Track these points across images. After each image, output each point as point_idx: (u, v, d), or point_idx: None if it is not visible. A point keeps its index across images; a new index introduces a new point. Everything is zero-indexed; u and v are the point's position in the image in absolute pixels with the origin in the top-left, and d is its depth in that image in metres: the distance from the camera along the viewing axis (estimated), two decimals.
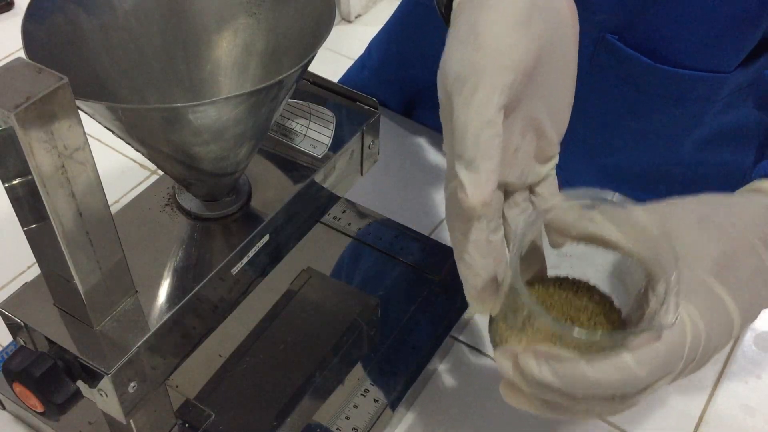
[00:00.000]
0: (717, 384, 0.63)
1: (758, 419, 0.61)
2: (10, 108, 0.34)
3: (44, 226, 0.39)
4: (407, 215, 0.73)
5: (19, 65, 0.35)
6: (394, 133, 0.84)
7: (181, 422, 0.56)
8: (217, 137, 0.44)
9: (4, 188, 0.39)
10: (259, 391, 0.59)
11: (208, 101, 0.42)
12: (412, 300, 0.65)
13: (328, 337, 0.62)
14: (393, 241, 0.70)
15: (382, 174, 0.78)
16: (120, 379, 0.43)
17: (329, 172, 0.56)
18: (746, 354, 0.65)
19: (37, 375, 0.42)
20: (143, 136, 0.45)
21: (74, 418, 0.56)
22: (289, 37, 0.50)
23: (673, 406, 0.62)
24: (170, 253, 0.49)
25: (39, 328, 0.44)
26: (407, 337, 0.63)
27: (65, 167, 0.37)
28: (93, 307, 0.44)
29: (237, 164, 0.49)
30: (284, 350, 0.62)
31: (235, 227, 0.51)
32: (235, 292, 0.51)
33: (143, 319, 0.45)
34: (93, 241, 0.41)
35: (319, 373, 0.60)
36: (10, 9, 1.06)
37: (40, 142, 0.35)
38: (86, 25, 0.47)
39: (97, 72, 0.48)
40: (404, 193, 0.78)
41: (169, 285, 0.47)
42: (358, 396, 0.59)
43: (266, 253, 0.52)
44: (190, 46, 0.52)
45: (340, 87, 0.60)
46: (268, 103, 0.45)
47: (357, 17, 2.10)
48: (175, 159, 0.47)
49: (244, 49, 0.52)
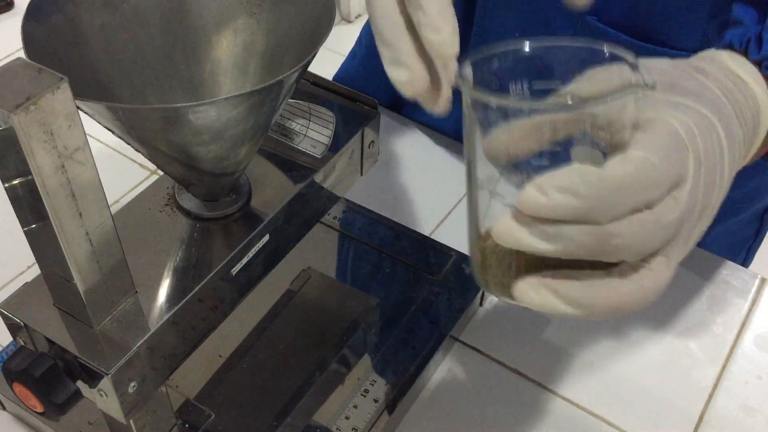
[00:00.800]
0: (717, 384, 0.63)
1: (758, 419, 0.61)
2: (10, 108, 0.34)
3: (44, 226, 0.39)
4: (407, 215, 0.73)
5: (19, 65, 0.35)
6: (394, 133, 0.84)
7: (181, 422, 0.56)
8: (217, 137, 0.44)
9: (4, 188, 0.39)
10: (259, 391, 0.59)
11: (208, 101, 0.42)
12: (412, 300, 0.65)
13: (328, 337, 0.62)
14: (393, 241, 0.70)
15: (382, 174, 0.78)
16: (120, 379, 0.43)
17: (329, 172, 0.56)
18: (746, 354, 0.65)
19: (37, 375, 0.42)
20: (143, 136, 0.45)
21: (74, 419, 0.56)
22: (289, 37, 0.50)
23: (673, 406, 0.62)
24: (170, 253, 0.49)
25: (39, 328, 0.44)
26: (407, 337, 0.63)
27: (65, 167, 0.37)
28: (93, 307, 0.44)
29: (237, 164, 0.49)
30: (284, 350, 0.62)
31: (235, 227, 0.51)
32: (235, 292, 0.51)
33: (143, 320, 0.45)
34: (93, 241, 0.41)
35: (319, 373, 0.60)
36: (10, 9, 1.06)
37: (40, 143, 0.35)
38: (86, 25, 0.47)
39: (97, 72, 0.48)
40: (404, 193, 0.78)
41: (169, 285, 0.47)
42: (358, 396, 0.59)
43: (266, 253, 0.52)
44: (190, 46, 0.52)
45: (340, 87, 0.60)
46: (268, 103, 0.45)
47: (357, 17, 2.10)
48: (175, 159, 0.47)
49: (244, 50, 0.52)
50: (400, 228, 0.71)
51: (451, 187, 0.78)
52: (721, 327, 0.67)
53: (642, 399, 0.62)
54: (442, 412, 0.61)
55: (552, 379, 0.63)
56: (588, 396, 0.62)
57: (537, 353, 0.65)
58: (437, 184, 0.79)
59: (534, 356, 0.64)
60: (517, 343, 0.65)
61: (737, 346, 0.66)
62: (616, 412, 0.61)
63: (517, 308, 0.68)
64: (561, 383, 0.63)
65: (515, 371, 0.63)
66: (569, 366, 0.64)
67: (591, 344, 0.65)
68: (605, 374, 0.64)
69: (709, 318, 0.68)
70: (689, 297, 0.69)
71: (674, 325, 0.67)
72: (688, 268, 0.71)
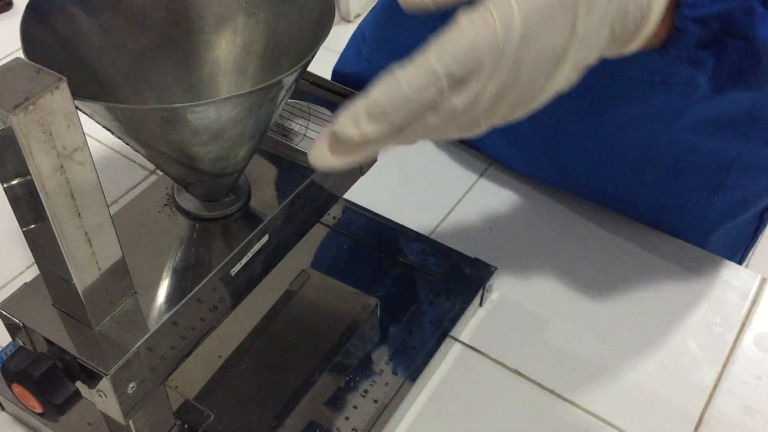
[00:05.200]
0: (717, 384, 0.63)
1: (758, 419, 0.61)
2: (8, 108, 0.34)
3: (43, 226, 0.39)
4: (407, 215, 0.73)
5: (17, 65, 0.35)
6: None
7: (180, 423, 0.56)
8: (217, 137, 0.44)
9: (3, 188, 0.39)
10: (258, 392, 0.59)
11: (207, 101, 0.42)
12: (412, 300, 0.65)
13: (327, 337, 0.62)
14: (393, 241, 0.70)
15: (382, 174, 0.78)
16: (119, 379, 0.43)
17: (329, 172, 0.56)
18: (746, 354, 0.65)
19: (36, 376, 0.42)
20: (142, 137, 0.45)
21: (73, 419, 0.56)
22: (289, 37, 0.50)
23: (673, 406, 0.62)
24: (169, 253, 0.49)
25: (38, 329, 0.44)
26: (407, 337, 0.63)
27: (64, 167, 0.37)
28: (92, 308, 0.44)
29: (236, 164, 0.49)
30: (284, 350, 0.61)
31: (234, 227, 0.51)
32: (235, 292, 0.51)
33: (142, 320, 0.45)
34: (92, 241, 0.41)
35: (319, 373, 0.60)
36: (9, 9, 1.06)
37: (39, 143, 0.35)
38: (86, 25, 0.47)
39: (97, 72, 0.48)
40: (404, 193, 0.78)
41: (169, 285, 0.47)
42: (357, 396, 0.59)
43: (266, 253, 0.52)
44: (189, 46, 0.51)
45: (340, 87, 0.60)
46: (268, 103, 0.45)
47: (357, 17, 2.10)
48: (175, 159, 0.46)
49: (244, 49, 0.52)
50: (400, 228, 0.71)
51: (451, 187, 0.78)
52: (721, 327, 0.67)
53: (642, 399, 0.62)
54: (441, 412, 0.61)
55: (552, 380, 0.63)
56: (588, 396, 0.62)
57: (537, 354, 0.65)
58: (437, 184, 0.79)
59: (534, 357, 0.64)
60: (517, 344, 0.65)
61: (737, 346, 0.66)
62: (615, 412, 0.61)
63: (517, 308, 0.68)
64: (561, 384, 0.63)
65: (515, 371, 0.63)
66: (569, 366, 0.64)
67: (591, 345, 0.65)
68: (605, 374, 0.63)
69: (709, 318, 0.68)
70: (689, 297, 0.69)
71: (674, 325, 0.67)
72: (688, 268, 0.71)
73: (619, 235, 0.74)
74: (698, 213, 0.74)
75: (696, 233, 0.75)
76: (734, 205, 0.75)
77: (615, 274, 0.70)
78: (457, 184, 0.78)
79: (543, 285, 0.69)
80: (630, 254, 0.72)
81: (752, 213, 0.79)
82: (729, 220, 0.76)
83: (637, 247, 0.73)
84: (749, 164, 0.71)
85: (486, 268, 0.67)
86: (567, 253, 0.72)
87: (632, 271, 0.71)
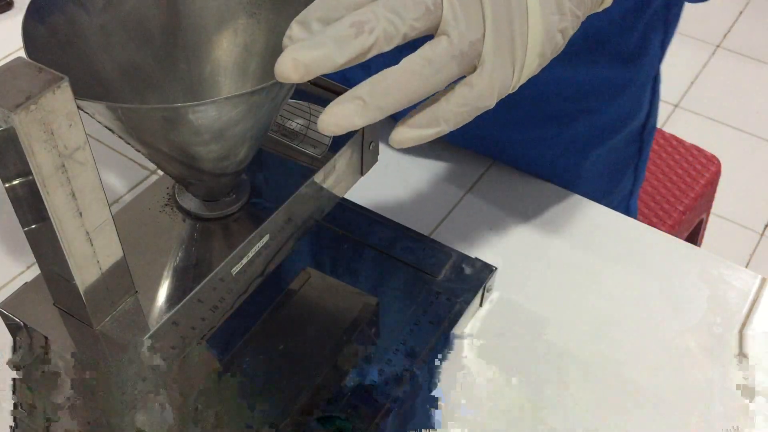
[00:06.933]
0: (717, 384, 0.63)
1: (758, 419, 0.61)
2: (10, 108, 0.34)
3: (44, 226, 0.39)
4: (407, 215, 0.73)
5: (19, 65, 0.35)
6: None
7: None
8: (217, 137, 0.44)
9: (5, 188, 0.39)
10: (258, 392, 0.59)
11: (208, 101, 0.42)
12: (412, 300, 0.65)
13: (328, 337, 0.62)
14: (393, 241, 0.70)
15: (382, 174, 0.78)
16: None
17: (329, 172, 0.56)
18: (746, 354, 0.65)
19: None
20: (143, 136, 0.45)
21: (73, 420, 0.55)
22: None
23: (673, 406, 0.62)
24: (170, 253, 0.49)
25: (39, 328, 0.44)
26: (407, 337, 0.63)
27: (65, 167, 0.37)
28: (93, 307, 0.44)
29: (237, 164, 0.49)
30: (284, 350, 0.62)
31: (235, 227, 0.51)
32: (235, 292, 0.51)
33: (143, 320, 0.45)
34: (93, 241, 0.41)
35: (319, 373, 0.60)
36: (9, 9, 1.06)
37: (40, 142, 0.35)
38: (86, 25, 0.47)
39: (97, 72, 0.48)
40: (404, 193, 0.78)
41: (169, 285, 0.47)
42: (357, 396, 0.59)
43: (266, 253, 0.52)
44: (190, 46, 0.52)
45: (341, 87, 0.60)
46: (268, 103, 0.45)
47: None
48: (175, 159, 0.47)
49: (244, 49, 0.52)
50: (400, 228, 0.71)
51: (451, 187, 0.78)
52: (721, 327, 0.67)
53: (642, 399, 0.62)
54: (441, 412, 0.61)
55: (552, 379, 0.63)
56: (588, 396, 0.62)
57: (537, 353, 0.65)
58: (437, 184, 0.79)
59: (534, 356, 0.64)
60: (517, 344, 0.65)
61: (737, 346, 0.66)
62: (615, 411, 0.61)
63: (517, 308, 0.68)
64: (561, 383, 0.63)
65: (515, 371, 0.63)
66: (569, 366, 0.64)
67: (591, 344, 0.65)
68: (605, 374, 0.63)
69: (709, 318, 0.68)
70: (689, 297, 0.69)
71: (674, 325, 0.67)
72: (688, 268, 0.71)
73: (620, 236, 0.74)
74: (563, 141, 0.78)
75: (571, 158, 0.80)
76: (609, 123, 0.79)
77: (615, 275, 0.70)
78: (457, 184, 0.78)
79: (543, 285, 0.69)
80: (630, 255, 0.72)
81: (630, 132, 0.83)
82: (606, 139, 0.81)
83: (638, 248, 0.73)
84: (600, 89, 0.75)
85: (486, 268, 0.67)
86: (567, 253, 0.72)
87: (632, 272, 0.71)
